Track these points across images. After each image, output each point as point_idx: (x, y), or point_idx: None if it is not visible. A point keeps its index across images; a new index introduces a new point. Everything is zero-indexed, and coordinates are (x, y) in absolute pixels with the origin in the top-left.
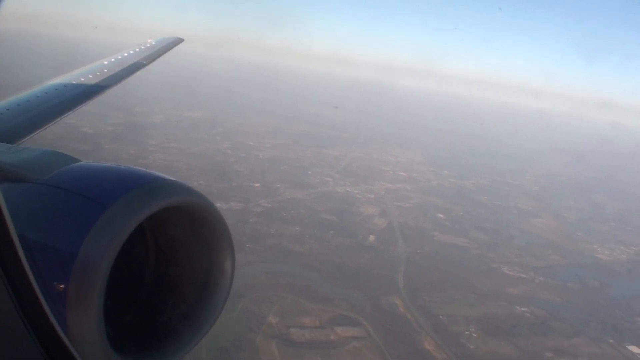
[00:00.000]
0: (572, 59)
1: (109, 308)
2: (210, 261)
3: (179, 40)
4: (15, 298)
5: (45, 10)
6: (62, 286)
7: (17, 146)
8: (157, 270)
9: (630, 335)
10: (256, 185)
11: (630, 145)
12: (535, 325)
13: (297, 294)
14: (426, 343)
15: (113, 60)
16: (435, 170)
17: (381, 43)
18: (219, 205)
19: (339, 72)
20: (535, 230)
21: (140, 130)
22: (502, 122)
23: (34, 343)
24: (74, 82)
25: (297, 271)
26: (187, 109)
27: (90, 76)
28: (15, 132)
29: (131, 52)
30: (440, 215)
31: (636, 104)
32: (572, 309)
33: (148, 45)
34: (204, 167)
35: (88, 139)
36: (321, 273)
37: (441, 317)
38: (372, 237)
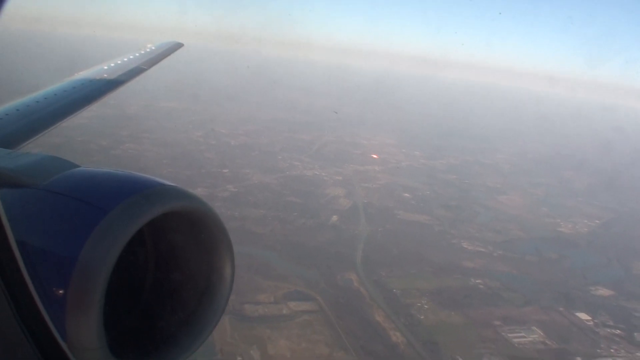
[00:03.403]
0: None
1: (108, 313)
2: (210, 266)
3: (178, 45)
4: (14, 304)
5: (47, 10)
6: (61, 292)
7: (17, 151)
8: (157, 276)
9: (581, 304)
10: (225, 171)
11: (616, 125)
12: (488, 296)
13: (254, 273)
14: (376, 315)
15: (113, 65)
16: (406, 152)
17: (394, 33)
18: None
19: (350, 64)
20: (500, 207)
21: (113, 121)
22: (495, 105)
23: (32, 350)
24: (73, 88)
25: (256, 251)
26: (164, 99)
27: (90, 81)
28: (15, 137)
29: (131, 56)
30: (406, 195)
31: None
32: (527, 280)
33: (148, 50)
34: (174, 156)
35: (59, 132)
36: (280, 253)
37: (395, 290)
38: (335, 217)
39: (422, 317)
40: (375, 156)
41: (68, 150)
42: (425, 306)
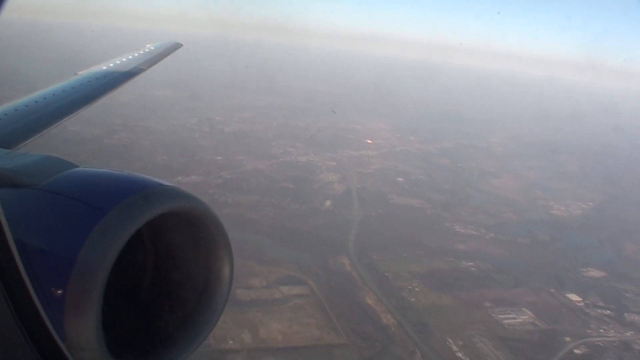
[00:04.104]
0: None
1: (107, 314)
2: (208, 267)
3: (177, 45)
4: (12, 304)
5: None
6: (60, 292)
7: (16, 151)
8: (155, 276)
9: (572, 285)
10: (218, 158)
11: (606, 106)
12: (479, 278)
13: (247, 258)
14: (368, 298)
15: (112, 65)
16: (401, 137)
17: (394, 20)
18: (179, 179)
19: (348, 51)
20: (493, 190)
21: (106, 110)
22: (493, 90)
23: (30, 350)
24: (72, 88)
25: (249, 237)
26: (159, 87)
27: (89, 81)
28: (13, 137)
29: (130, 57)
30: (400, 179)
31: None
32: (518, 262)
33: (147, 50)
34: (168, 144)
35: None
36: (273, 238)
37: (386, 273)
38: (328, 203)
39: (413, 299)
40: (369, 141)
41: (61, 140)
42: (417, 289)
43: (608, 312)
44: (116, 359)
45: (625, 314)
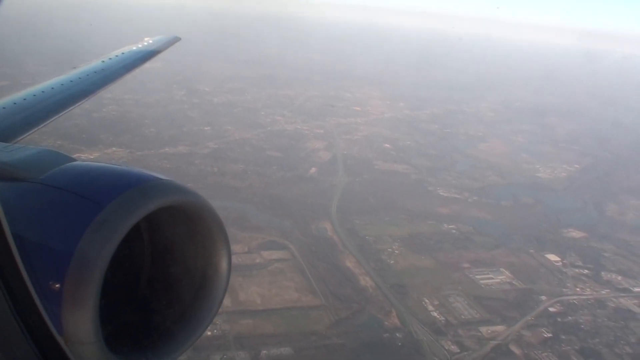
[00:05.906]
0: None
1: (104, 307)
2: (206, 261)
3: (176, 39)
4: (10, 298)
5: None
6: (57, 286)
7: (13, 145)
8: (153, 270)
9: (552, 246)
10: (206, 128)
11: (596, 71)
12: (459, 240)
13: (230, 225)
14: (347, 261)
15: (110, 58)
16: (390, 103)
17: None
18: (166, 150)
19: (345, 19)
20: (480, 155)
21: None
22: (488, 56)
23: (28, 344)
24: (71, 81)
25: (233, 205)
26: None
27: (87, 75)
28: (12, 130)
29: (128, 50)
30: (387, 145)
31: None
32: (500, 225)
33: (145, 44)
34: (156, 116)
35: None
36: (257, 205)
37: (367, 237)
38: (313, 170)
39: (392, 261)
40: (358, 109)
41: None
42: (396, 251)
43: (585, 271)
44: (114, 353)
45: (602, 273)
